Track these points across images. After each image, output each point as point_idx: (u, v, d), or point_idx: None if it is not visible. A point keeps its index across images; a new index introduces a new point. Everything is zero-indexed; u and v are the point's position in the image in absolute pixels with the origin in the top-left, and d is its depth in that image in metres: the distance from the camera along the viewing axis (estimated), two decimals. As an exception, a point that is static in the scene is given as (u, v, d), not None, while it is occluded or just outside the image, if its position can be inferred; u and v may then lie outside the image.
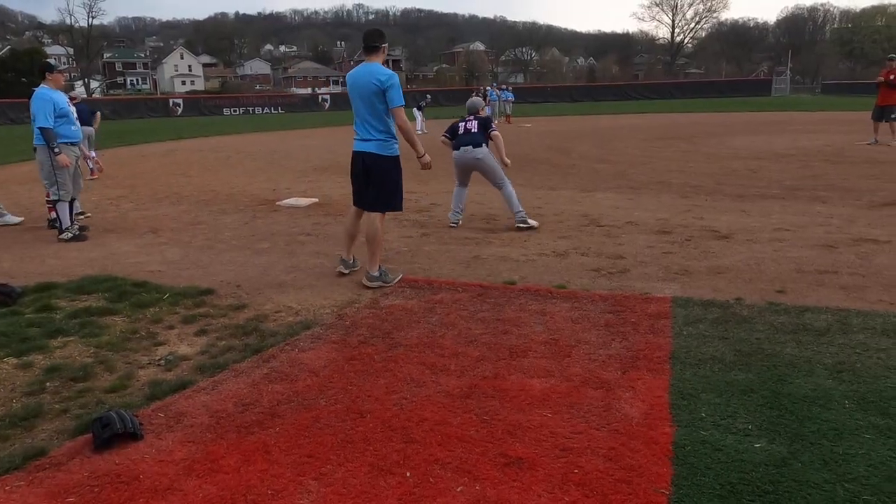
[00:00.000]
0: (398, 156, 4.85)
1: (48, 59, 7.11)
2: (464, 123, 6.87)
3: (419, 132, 22.25)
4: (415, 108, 24.16)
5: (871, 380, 3.09)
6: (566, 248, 5.91)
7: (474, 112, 6.99)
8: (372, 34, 4.72)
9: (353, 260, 5.27)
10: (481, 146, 6.70)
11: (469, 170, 6.89)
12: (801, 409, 2.83)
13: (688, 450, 2.54)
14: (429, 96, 25.15)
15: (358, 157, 4.84)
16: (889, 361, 3.28)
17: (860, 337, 3.61)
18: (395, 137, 4.81)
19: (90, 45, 74.95)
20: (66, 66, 68.09)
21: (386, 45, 4.81)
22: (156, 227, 7.41)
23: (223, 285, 5.02)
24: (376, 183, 4.81)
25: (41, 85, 6.72)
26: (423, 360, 3.50)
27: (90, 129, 11.67)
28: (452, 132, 6.91)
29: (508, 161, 6.91)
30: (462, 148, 6.73)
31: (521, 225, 6.70)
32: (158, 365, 3.54)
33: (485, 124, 6.82)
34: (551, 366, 3.38)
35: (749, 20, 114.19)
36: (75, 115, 6.95)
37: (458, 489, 2.34)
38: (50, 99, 6.57)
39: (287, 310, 4.41)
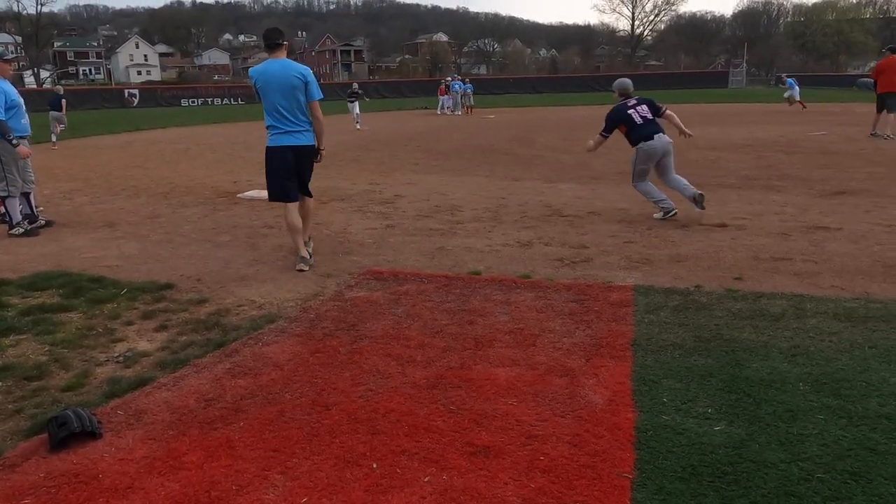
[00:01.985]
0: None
1: (-5, 47, 6.80)
2: (634, 112, 6.43)
3: (357, 127, 20.51)
4: (349, 102, 21.76)
5: (824, 362, 3.20)
6: (530, 238, 5.96)
7: (627, 93, 6.60)
8: (273, 32, 5.02)
9: (310, 255, 5.25)
10: (664, 132, 6.40)
11: (660, 158, 6.42)
12: (757, 392, 2.91)
13: (650, 434, 2.59)
14: (355, 84, 23.44)
15: (289, 151, 5.04)
16: (840, 344, 3.40)
17: (813, 321, 3.73)
18: (311, 126, 5.16)
19: (39, 33, 72.20)
20: (15, 54, 65.60)
21: (287, 42, 5.18)
22: (112, 221, 7.21)
23: (183, 279, 4.92)
24: (306, 171, 5.22)
25: None
26: (388, 351, 3.49)
27: (59, 114, 16.77)
28: (616, 124, 6.52)
29: (691, 133, 6.56)
30: (655, 136, 6.33)
31: (697, 199, 6.28)
32: (117, 362, 3.45)
33: (654, 107, 6.43)
34: (516, 355, 3.41)
35: (706, 13, 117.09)
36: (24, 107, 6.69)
37: (426, 479, 2.35)
38: (2, 89, 6.25)
39: (250, 303, 4.35)
